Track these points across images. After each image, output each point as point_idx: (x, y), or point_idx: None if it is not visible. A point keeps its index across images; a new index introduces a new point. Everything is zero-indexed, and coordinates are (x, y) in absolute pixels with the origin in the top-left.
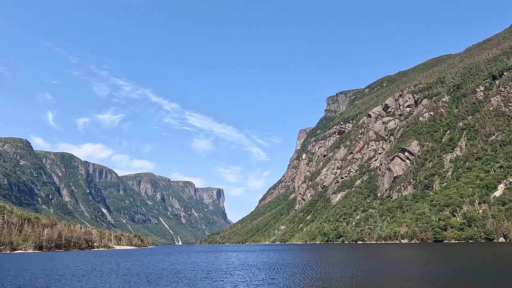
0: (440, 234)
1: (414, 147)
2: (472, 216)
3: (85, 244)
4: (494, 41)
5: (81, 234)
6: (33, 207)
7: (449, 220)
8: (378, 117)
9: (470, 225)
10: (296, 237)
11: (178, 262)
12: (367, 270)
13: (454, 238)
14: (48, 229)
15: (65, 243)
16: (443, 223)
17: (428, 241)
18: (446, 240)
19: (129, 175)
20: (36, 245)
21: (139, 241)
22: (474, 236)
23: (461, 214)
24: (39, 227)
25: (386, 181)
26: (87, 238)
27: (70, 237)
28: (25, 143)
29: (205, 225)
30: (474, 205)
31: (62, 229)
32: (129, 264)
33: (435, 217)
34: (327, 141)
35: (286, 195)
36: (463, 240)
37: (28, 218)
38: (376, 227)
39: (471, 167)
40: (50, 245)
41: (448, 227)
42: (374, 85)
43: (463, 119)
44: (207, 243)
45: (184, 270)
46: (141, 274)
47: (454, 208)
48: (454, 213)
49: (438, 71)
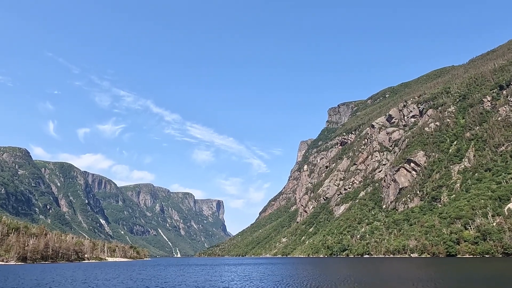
0: (453, 248)
1: (420, 157)
2: (487, 229)
3: (74, 256)
4: (498, 52)
5: (70, 244)
6: (30, 217)
7: (461, 233)
8: (381, 127)
9: (485, 238)
10: (298, 250)
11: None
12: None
13: (468, 253)
14: (34, 239)
15: (52, 255)
16: (456, 237)
17: (440, 255)
18: (460, 255)
19: (129, 186)
20: (20, 256)
21: (135, 253)
22: (490, 251)
23: (474, 227)
24: (25, 236)
25: (391, 192)
26: (77, 249)
27: (58, 248)
28: (24, 153)
29: (204, 237)
30: (488, 218)
31: (50, 239)
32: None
33: (446, 230)
34: (329, 152)
35: (287, 207)
36: (478, 255)
37: (17, 227)
38: (382, 240)
39: (481, 179)
40: (35, 256)
41: (461, 241)
42: (377, 96)
43: (470, 130)
44: (206, 255)
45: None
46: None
47: (466, 220)
48: (466, 226)
49: (442, 81)
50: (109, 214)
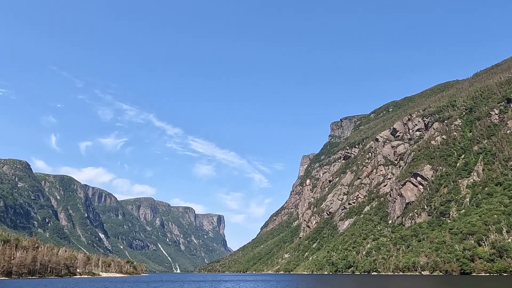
0: (468, 265)
1: (427, 171)
2: (503, 245)
3: (65, 271)
4: (503, 65)
5: (61, 258)
6: (29, 230)
7: (475, 250)
8: (386, 141)
9: (501, 255)
10: (301, 266)
11: None
12: None
13: (484, 271)
14: (21, 252)
15: (40, 269)
16: (470, 253)
17: (453, 273)
18: (475, 273)
19: (129, 200)
20: (4, 270)
21: (131, 268)
22: (509, 268)
23: (488, 243)
24: (13, 249)
25: (397, 207)
26: (68, 264)
27: (47, 262)
28: (24, 165)
29: (204, 253)
30: (502, 233)
31: (39, 253)
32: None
33: (459, 246)
34: (332, 166)
35: (289, 222)
36: (494, 273)
37: (7, 240)
38: (390, 257)
39: (492, 193)
40: (21, 270)
41: (476, 258)
42: (380, 110)
43: (478, 143)
44: (206, 271)
45: None
46: None
47: (480, 236)
48: (480, 242)
49: (447, 95)
50: (108, 228)
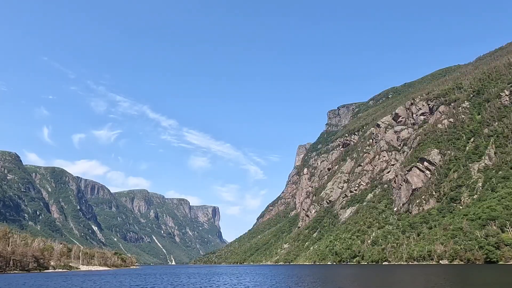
0: (494, 253)
1: (434, 156)
2: None
3: (33, 264)
4: (509, 48)
5: (28, 250)
6: (19, 223)
7: (499, 236)
8: (388, 127)
9: None
10: (302, 256)
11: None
12: None
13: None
14: None
15: (1, 262)
16: (494, 240)
17: (476, 262)
18: (502, 261)
19: (122, 192)
20: None
21: (119, 261)
22: None
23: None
24: None
25: (403, 194)
26: (38, 256)
27: (10, 254)
28: (14, 157)
29: (199, 245)
30: None
31: (3, 244)
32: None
33: (480, 233)
34: (331, 155)
35: (287, 212)
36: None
37: None
38: (401, 246)
39: (508, 176)
40: None
41: (501, 245)
42: (379, 97)
43: (488, 125)
44: (202, 263)
45: None
46: None
47: (503, 222)
48: (503, 228)
49: (452, 78)
50: (101, 220)
